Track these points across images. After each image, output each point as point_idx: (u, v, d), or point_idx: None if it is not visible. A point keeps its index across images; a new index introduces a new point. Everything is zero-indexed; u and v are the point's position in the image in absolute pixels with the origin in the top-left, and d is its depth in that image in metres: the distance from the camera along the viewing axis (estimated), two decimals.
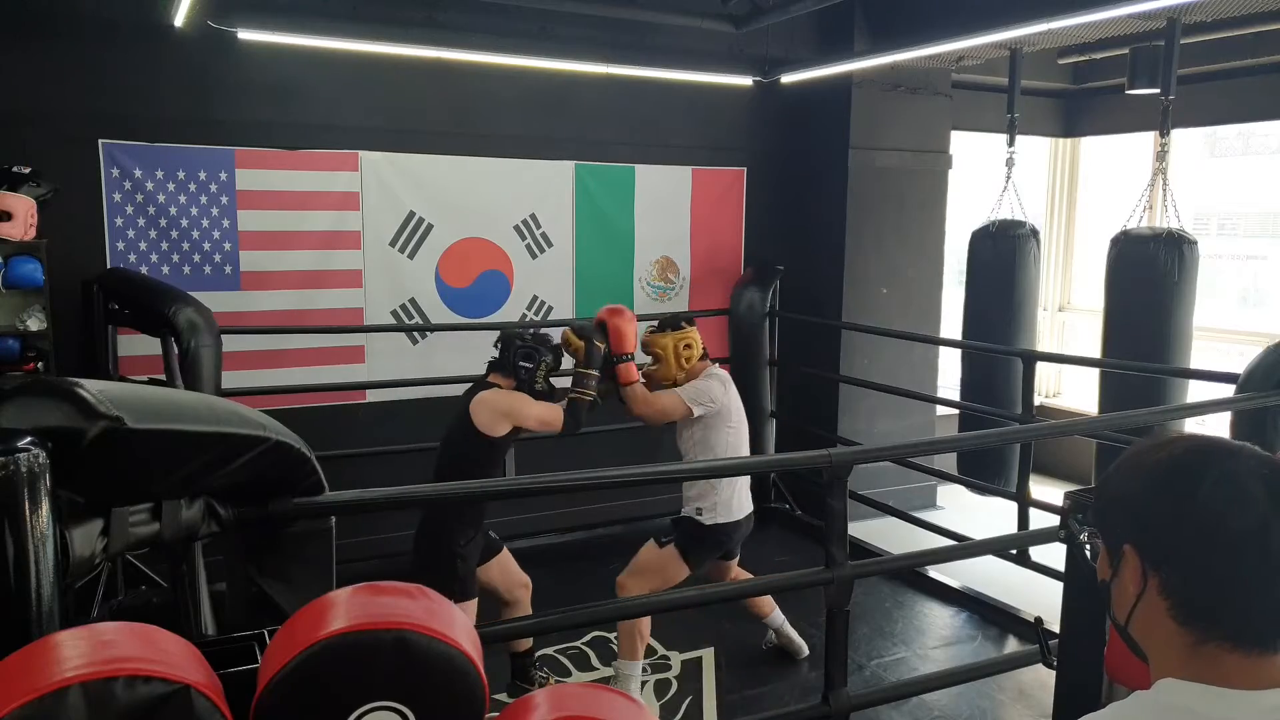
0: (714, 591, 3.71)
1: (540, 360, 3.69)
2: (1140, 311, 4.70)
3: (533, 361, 3.68)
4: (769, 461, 3.76)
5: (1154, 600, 1.08)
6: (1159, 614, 1.08)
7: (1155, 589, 1.08)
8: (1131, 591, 1.11)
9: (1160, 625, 1.08)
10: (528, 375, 3.68)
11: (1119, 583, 1.13)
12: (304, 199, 5.19)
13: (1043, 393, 7.67)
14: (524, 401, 3.64)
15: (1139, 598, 1.10)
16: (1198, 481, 1.06)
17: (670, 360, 3.92)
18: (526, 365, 3.68)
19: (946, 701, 3.95)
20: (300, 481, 1.85)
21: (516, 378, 3.69)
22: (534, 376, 3.69)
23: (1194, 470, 1.07)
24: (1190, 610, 1.06)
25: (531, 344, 3.71)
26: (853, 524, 2.91)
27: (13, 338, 4.38)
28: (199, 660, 1.34)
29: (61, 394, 1.50)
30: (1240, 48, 5.63)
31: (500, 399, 3.65)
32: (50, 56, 4.57)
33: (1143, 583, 1.09)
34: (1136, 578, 1.10)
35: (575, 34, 5.24)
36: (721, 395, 3.84)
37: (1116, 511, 1.15)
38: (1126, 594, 1.12)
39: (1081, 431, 4.80)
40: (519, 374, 3.69)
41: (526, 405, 3.64)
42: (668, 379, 3.95)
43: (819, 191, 6.29)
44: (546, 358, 3.70)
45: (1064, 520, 2.15)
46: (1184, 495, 1.06)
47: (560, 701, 1.44)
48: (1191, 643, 1.05)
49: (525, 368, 3.68)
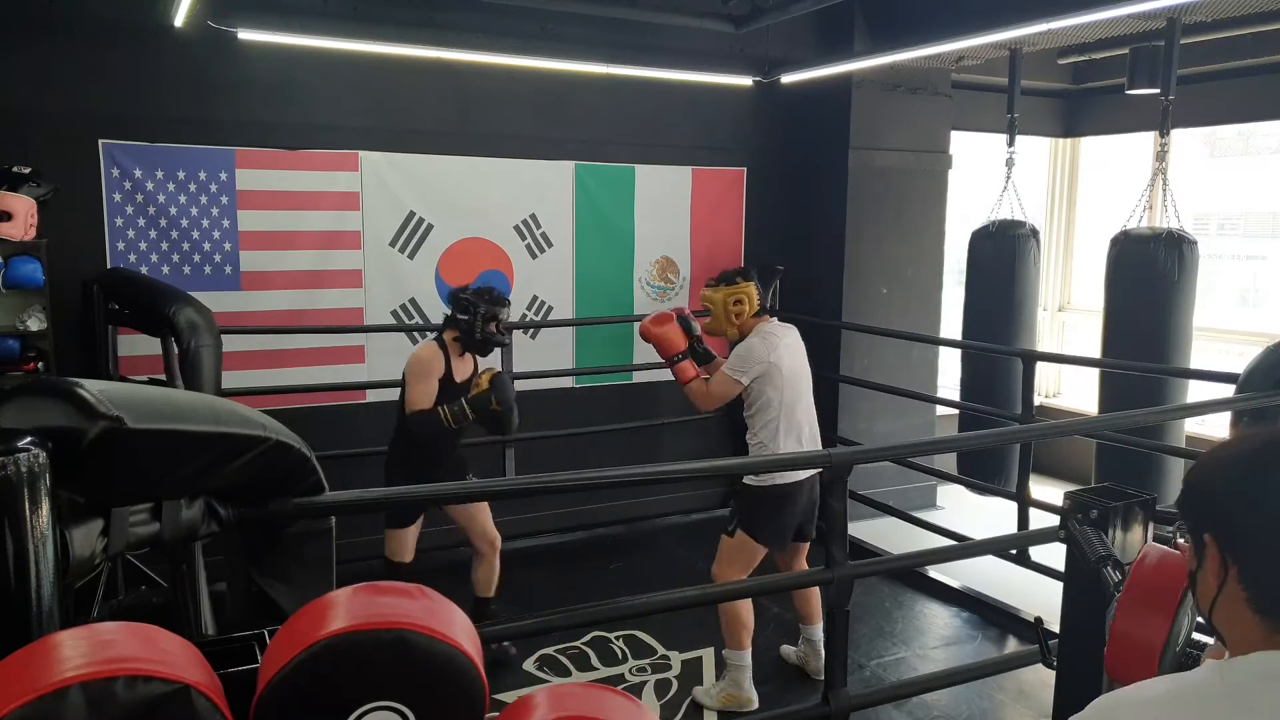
0: (714, 592, 3.71)
1: (476, 310, 3.95)
2: (1140, 311, 4.70)
3: (468, 313, 3.96)
4: (769, 461, 3.75)
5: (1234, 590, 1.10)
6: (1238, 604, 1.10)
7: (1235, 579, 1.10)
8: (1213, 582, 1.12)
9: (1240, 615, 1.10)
10: (467, 325, 3.97)
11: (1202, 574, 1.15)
12: (304, 199, 5.19)
13: (1043, 393, 7.67)
14: (423, 372, 3.93)
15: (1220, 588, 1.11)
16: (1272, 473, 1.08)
17: (720, 315, 3.92)
18: (463, 317, 3.97)
19: (946, 701, 3.95)
20: (300, 481, 1.85)
21: (459, 328, 3.99)
22: (473, 326, 3.96)
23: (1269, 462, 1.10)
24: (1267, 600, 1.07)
25: (469, 296, 3.99)
26: (853, 524, 2.92)
27: (13, 338, 4.38)
28: (199, 660, 1.34)
29: (62, 394, 1.50)
30: (1240, 48, 5.63)
31: (419, 353, 4.02)
32: (50, 56, 4.57)
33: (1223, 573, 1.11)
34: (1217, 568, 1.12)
35: (575, 34, 5.24)
36: (765, 353, 3.76)
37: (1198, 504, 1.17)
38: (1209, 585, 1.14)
39: (1081, 431, 4.79)
40: (460, 325, 3.99)
41: (419, 377, 3.93)
42: (718, 332, 4.00)
43: (819, 191, 6.29)
44: (482, 308, 3.95)
45: (1064, 520, 2.16)
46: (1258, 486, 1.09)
47: (560, 701, 1.44)
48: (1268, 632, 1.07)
49: (462, 319, 3.98)
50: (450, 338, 4.03)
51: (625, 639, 4.46)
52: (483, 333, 3.98)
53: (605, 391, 6.12)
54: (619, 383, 6.17)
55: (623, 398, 6.13)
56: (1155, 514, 2.22)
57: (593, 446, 5.74)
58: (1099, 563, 1.98)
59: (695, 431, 6.09)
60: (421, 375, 3.95)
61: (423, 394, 3.92)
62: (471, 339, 4.00)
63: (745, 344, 3.83)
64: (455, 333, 4.03)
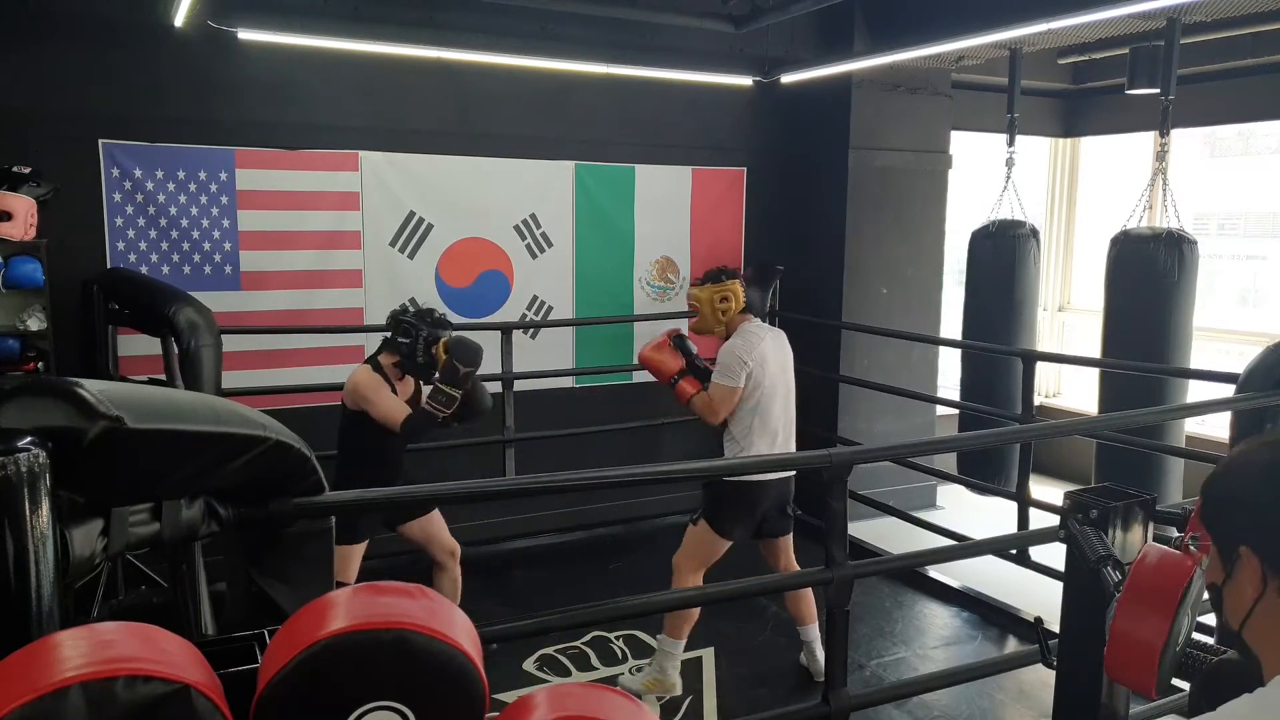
0: (714, 591, 3.71)
1: (417, 334, 3.79)
2: (1140, 311, 4.70)
3: (409, 336, 3.80)
4: (768, 461, 3.75)
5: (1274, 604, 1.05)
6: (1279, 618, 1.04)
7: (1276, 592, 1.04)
8: (1250, 595, 1.07)
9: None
10: (408, 349, 3.81)
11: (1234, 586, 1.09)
12: (304, 199, 5.19)
13: (1043, 393, 7.67)
14: (375, 388, 3.74)
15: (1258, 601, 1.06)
16: None
17: (706, 313, 3.96)
18: (404, 340, 3.81)
19: (946, 701, 3.95)
20: (300, 481, 1.85)
21: (398, 352, 3.82)
22: (414, 350, 3.79)
23: None
24: None
25: (411, 319, 3.83)
26: (853, 524, 2.91)
27: (13, 338, 4.38)
28: (199, 660, 1.34)
29: (61, 394, 1.49)
30: (1240, 48, 5.63)
31: (358, 378, 3.80)
32: (50, 56, 4.58)
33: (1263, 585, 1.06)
34: (1256, 580, 1.06)
35: (575, 34, 5.24)
36: (746, 352, 3.81)
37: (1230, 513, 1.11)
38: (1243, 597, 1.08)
39: (1081, 431, 4.79)
40: (400, 349, 3.81)
41: (376, 393, 3.73)
42: (706, 330, 4.03)
43: (819, 191, 6.29)
44: (424, 331, 3.79)
45: (1064, 520, 2.16)
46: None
47: (560, 701, 1.44)
48: None
49: (403, 343, 3.81)
50: (388, 361, 3.84)
51: (625, 639, 4.46)
52: (425, 356, 3.80)
53: (605, 391, 6.12)
54: (619, 383, 6.17)
55: (623, 398, 6.13)
56: (1155, 514, 2.22)
57: (593, 446, 5.74)
58: (1099, 563, 1.98)
59: (695, 431, 6.07)
60: (373, 391, 3.75)
61: (391, 406, 3.74)
62: (413, 363, 3.82)
63: (727, 347, 3.87)
64: (395, 357, 3.84)
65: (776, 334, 3.99)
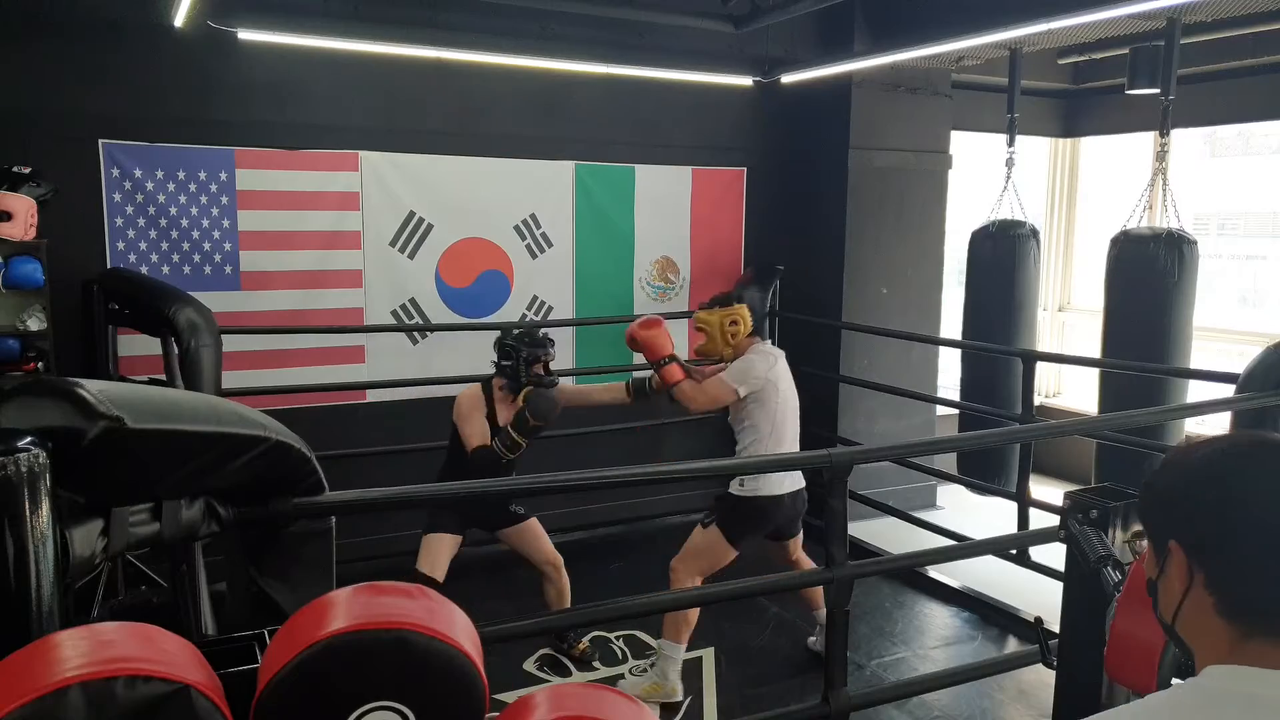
0: (714, 591, 3.71)
1: (518, 355, 3.91)
2: (1140, 311, 4.70)
3: (510, 358, 3.93)
4: (769, 461, 3.76)
5: (1200, 596, 1.07)
6: (1205, 610, 1.07)
7: (1201, 584, 1.07)
8: (1178, 588, 1.10)
9: (1207, 621, 1.07)
10: (511, 371, 3.93)
11: (1165, 580, 1.12)
12: (304, 199, 5.19)
13: (1043, 393, 7.67)
14: (468, 410, 3.92)
15: (1185, 594, 1.09)
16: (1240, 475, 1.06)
17: (716, 336, 3.96)
18: (505, 363, 3.94)
19: (946, 701, 3.95)
20: (300, 481, 1.85)
21: (504, 375, 3.96)
22: (517, 371, 3.92)
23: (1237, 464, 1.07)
24: (1236, 605, 1.05)
25: (511, 341, 3.96)
26: (853, 524, 2.92)
27: (13, 338, 4.37)
28: (199, 660, 1.34)
29: (62, 394, 1.50)
30: (1240, 48, 5.63)
31: (460, 396, 3.99)
32: (50, 56, 4.57)
33: (1189, 579, 1.08)
34: (1183, 574, 1.09)
35: (575, 34, 5.24)
36: (766, 371, 3.83)
37: (1161, 508, 1.14)
38: (1173, 591, 1.11)
39: (1081, 431, 4.79)
40: (504, 371, 3.96)
41: (467, 415, 3.91)
42: (714, 354, 4.03)
43: (819, 191, 6.29)
44: (524, 352, 3.91)
45: (1064, 520, 2.16)
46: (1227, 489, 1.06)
47: (560, 701, 1.44)
48: (1237, 637, 1.04)
49: (505, 365, 3.94)
50: (498, 384, 4.02)
51: (625, 639, 4.46)
52: (527, 376, 3.93)
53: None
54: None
55: None
56: None
57: (593, 446, 5.74)
58: (1099, 563, 1.98)
59: (695, 431, 6.08)
60: (465, 416, 3.93)
61: (474, 432, 3.89)
62: (517, 382, 3.95)
63: (746, 359, 3.88)
64: (503, 380, 4.00)
65: (781, 353, 4.03)
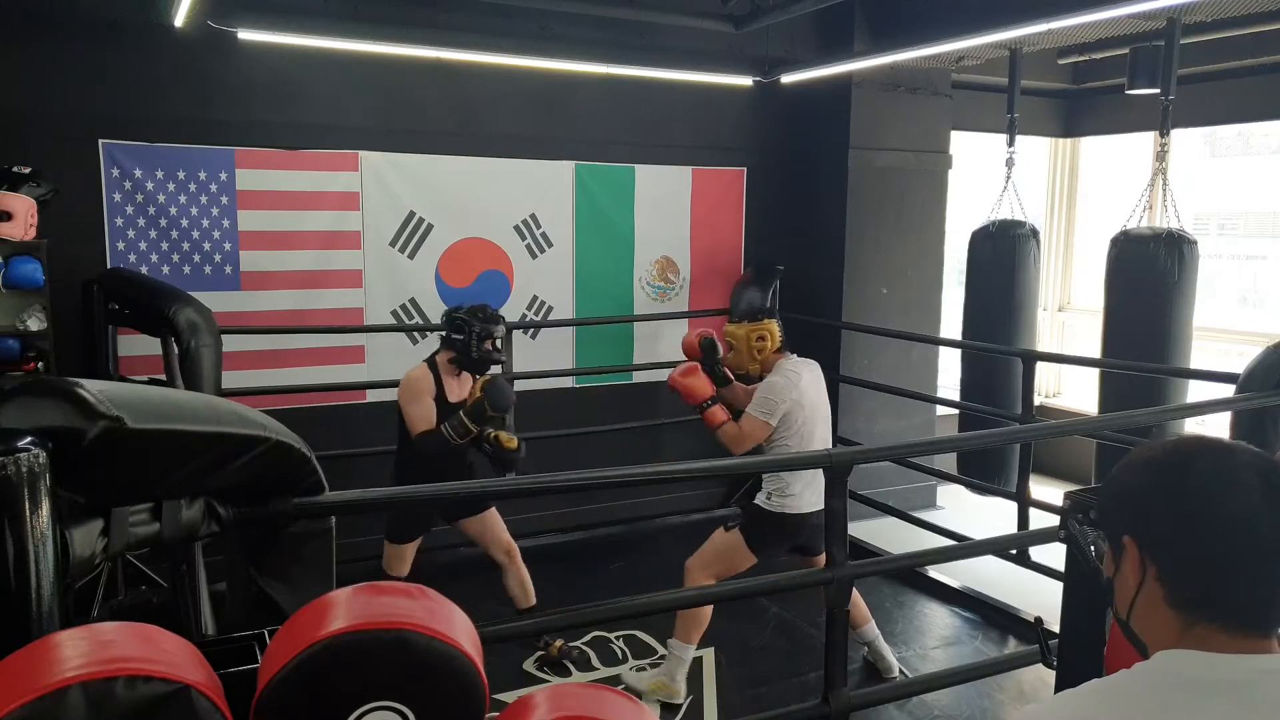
0: (714, 592, 3.71)
1: (470, 330, 3.91)
2: (1140, 311, 4.70)
3: (462, 332, 3.92)
4: (769, 461, 3.76)
5: (1152, 589, 1.11)
6: (1156, 602, 1.10)
7: (1153, 577, 1.10)
8: (1132, 583, 1.13)
9: (1157, 612, 1.10)
10: (462, 345, 3.93)
11: (1121, 577, 1.15)
12: (304, 199, 5.19)
13: (1043, 393, 7.67)
14: (414, 394, 3.89)
15: (1139, 589, 1.12)
16: (1191, 471, 1.10)
17: (743, 350, 3.95)
18: (458, 336, 3.93)
19: (946, 701, 3.95)
20: (300, 481, 1.85)
21: (453, 348, 3.96)
22: (468, 345, 3.92)
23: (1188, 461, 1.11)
24: (1183, 594, 1.08)
25: (463, 316, 3.95)
26: (853, 524, 2.92)
27: (13, 338, 4.37)
28: (199, 660, 1.34)
29: (62, 394, 1.50)
30: (1240, 48, 5.63)
31: (405, 379, 3.96)
32: (50, 56, 4.57)
33: (1142, 573, 1.12)
34: (1136, 568, 1.12)
35: (575, 34, 5.24)
36: (788, 391, 3.79)
37: (1117, 507, 1.17)
38: (1128, 586, 1.14)
39: (1081, 431, 4.80)
40: (454, 345, 3.95)
41: (413, 399, 3.88)
42: (741, 368, 4.04)
43: (819, 191, 6.29)
44: (476, 327, 3.91)
45: (1064, 520, 2.15)
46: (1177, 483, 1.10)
47: (560, 701, 1.44)
48: (1184, 625, 1.08)
49: (456, 339, 3.94)
50: (445, 358, 3.99)
51: (625, 639, 4.46)
52: (478, 351, 3.93)
53: (605, 391, 6.12)
54: (619, 383, 6.18)
55: (623, 398, 6.13)
56: None
57: (593, 446, 5.74)
58: (1099, 562, 1.97)
59: (695, 432, 6.07)
60: (412, 398, 3.89)
61: (419, 415, 3.86)
62: (467, 358, 3.95)
63: (768, 384, 3.85)
64: (450, 353, 3.98)
65: (811, 366, 3.98)
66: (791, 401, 3.79)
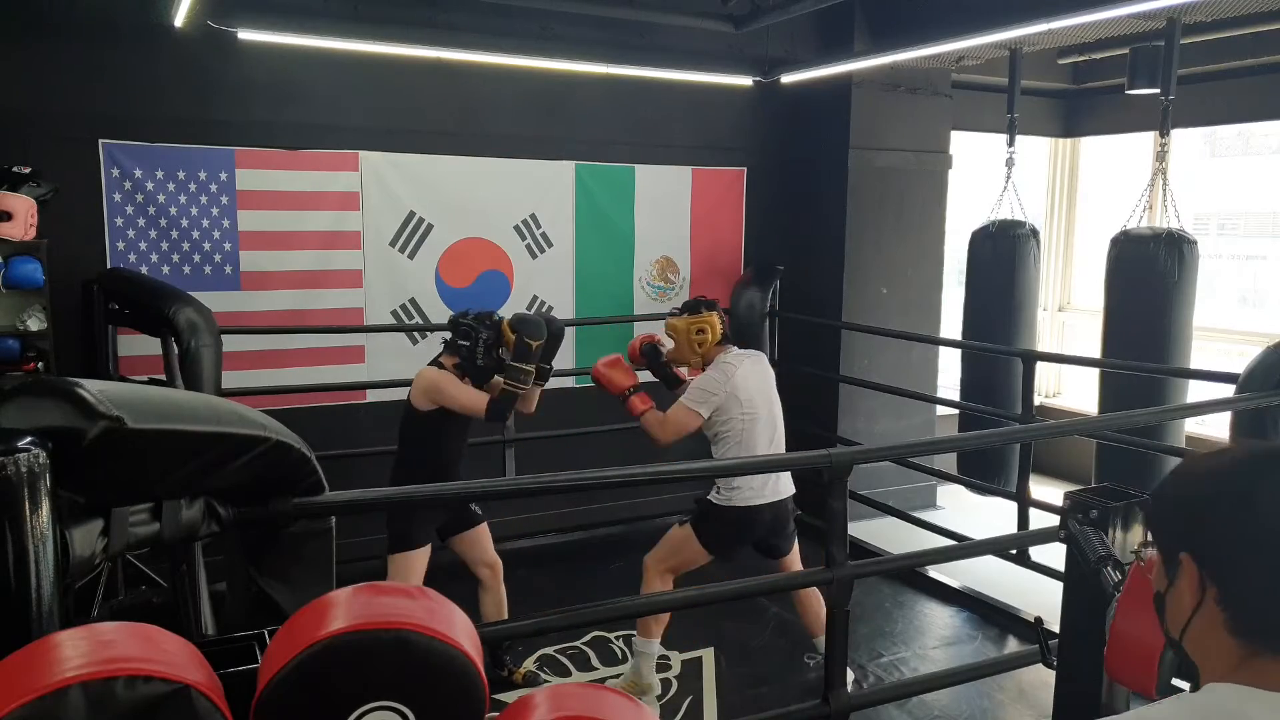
0: (714, 591, 3.70)
1: (478, 337, 3.84)
2: (1140, 311, 4.70)
3: (469, 339, 3.84)
4: (768, 461, 3.75)
5: (1211, 612, 1.03)
6: (1215, 626, 1.03)
7: (1213, 599, 1.03)
8: (1188, 603, 1.06)
9: (1215, 637, 1.03)
10: (468, 352, 3.84)
11: (1175, 594, 1.08)
12: (304, 199, 5.19)
13: (1043, 393, 7.67)
14: (449, 382, 3.80)
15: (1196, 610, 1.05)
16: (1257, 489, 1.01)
17: (683, 343, 3.92)
18: (464, 343, 3.85)
19: (946, 701, 3.95)
20: (300, 481, 1.85)
21: (459, 355, 3.87)
22: (474, 353, 3.84)
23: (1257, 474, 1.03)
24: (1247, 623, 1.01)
25: (470, 322, 3.87)
26: (853, 524, 2.91)
27: (13, 338, 4.38)
28: (199, 660, 1.34)
29: (62, 394, 1.50)
30: (1240, 48, 5.63)
31: (428, 375, 3.85)
32: (50, 56, 4.57)
33: (1200, 593, 1.04)
34: (1194, 588, 1.05)
35: (575, 34, 5.24)
36: (724, 383, 3.76)
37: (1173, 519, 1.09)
38: (1183, 605, 1.06)
39: (1081, 431, 4.79)
40: (460, 352, 3.86)
41: (450, 386, 3.79)
42: (682, 362, 4.01)
43: (819, 191, 6.29)
44: (484, 334, 3.84)
45: (1064, 520, 2.16)
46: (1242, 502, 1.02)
47: (560, 701, 1.44)
48: (1246, 655, 1.01)
49: (464, 345, 3.85)
50: (449, 364, 3.88)
51: (625, 639, 4.46)
52: (485, 359, 3.85)
53: (605, 391, 6.11)
54: None
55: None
56: None
57: (593, 446, 5.74)
58: (1099, 563, 1.98)
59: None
60: (450, 383, 3.79)
61: (470, 394, 3.78)
62: (473, 365, 3.85)
63: (703, 377, 3.83)
64: (454, 359, 3.88)
65: (755, 358, 3.93)
66: (725, 394, 3.74)
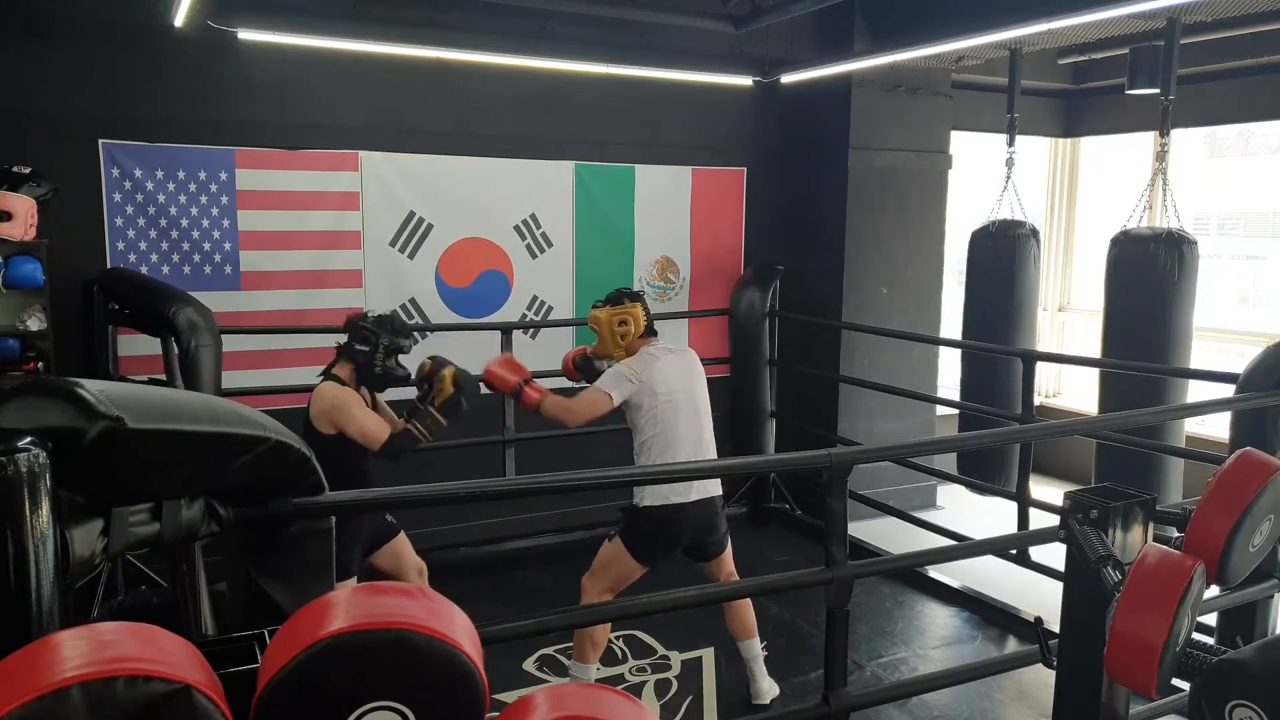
0: (714, 591, 3.71)
1: (377, 343, 3.58)
2: (1140, 311, 4.70)
3: (369, 344, 3.58)
4: (769, 461, 3.76)
5: None
6: None
7: None
8: None
9: None
10: (365, 359, 3.58)
11: None
12: (304, 199, 5.19)
13: (1043, 393, 7.67)
14: (351, 405, 3.51)
15: None
16: None
17: (606, 336, 3.80)
18: (362, 349, 3.58)
19: (946, 701, 3.95)
20: (300, 481, 1.85)
21: (354, 361, 3.60)
22: (372, 359, 3.58)
23: None
24: None
25: (370, 326, 3.61)
26: (853, 524, 2.91)
27: (13, 338, 4.38)
28: (199, 660, 1.34)
29: (62, 394, 1.49)
30: (1240, 48, 5.63)
31: (327, 394, 3.53)
32: (50, 56, 4.58)
33: None
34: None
35: (575, 34, 5.24)
36: (641, 372, 3.64)
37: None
38: None
39: (1081, 431, 4.79)
40: (356, 358, 3.60)
41: (352, 410, 3.50)
42: (605, 355, 3.89)
43: (819, 191, 6.29)
44: (384, 340, 3.58)
45: (1064, 520, 2.16)
46: None
47: (560, 701, 1.44)
48: None
49: (361, 350, 3.58)
50: (345, 373, 3.61)
51: (625, 639, 4.46)
52: (383, 367, 3.60)
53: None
54: None
55: None
56: (1155, 514, 2.22)
57: (593, 446, 5.73)
58: (1099, 563, 1.98)
59: None
60: (352, 409, 3.50)
61: (369, 422, 3.51)
62: (370, 373, 3.60)
63: (623, 363, 3.75)
64: (350, 366, 3.61)
65: (683, 353, 3.85)
66: (640, 383, 3.63)
